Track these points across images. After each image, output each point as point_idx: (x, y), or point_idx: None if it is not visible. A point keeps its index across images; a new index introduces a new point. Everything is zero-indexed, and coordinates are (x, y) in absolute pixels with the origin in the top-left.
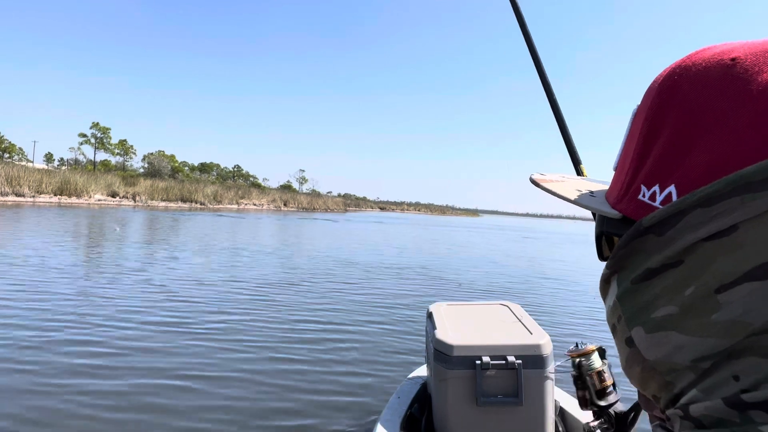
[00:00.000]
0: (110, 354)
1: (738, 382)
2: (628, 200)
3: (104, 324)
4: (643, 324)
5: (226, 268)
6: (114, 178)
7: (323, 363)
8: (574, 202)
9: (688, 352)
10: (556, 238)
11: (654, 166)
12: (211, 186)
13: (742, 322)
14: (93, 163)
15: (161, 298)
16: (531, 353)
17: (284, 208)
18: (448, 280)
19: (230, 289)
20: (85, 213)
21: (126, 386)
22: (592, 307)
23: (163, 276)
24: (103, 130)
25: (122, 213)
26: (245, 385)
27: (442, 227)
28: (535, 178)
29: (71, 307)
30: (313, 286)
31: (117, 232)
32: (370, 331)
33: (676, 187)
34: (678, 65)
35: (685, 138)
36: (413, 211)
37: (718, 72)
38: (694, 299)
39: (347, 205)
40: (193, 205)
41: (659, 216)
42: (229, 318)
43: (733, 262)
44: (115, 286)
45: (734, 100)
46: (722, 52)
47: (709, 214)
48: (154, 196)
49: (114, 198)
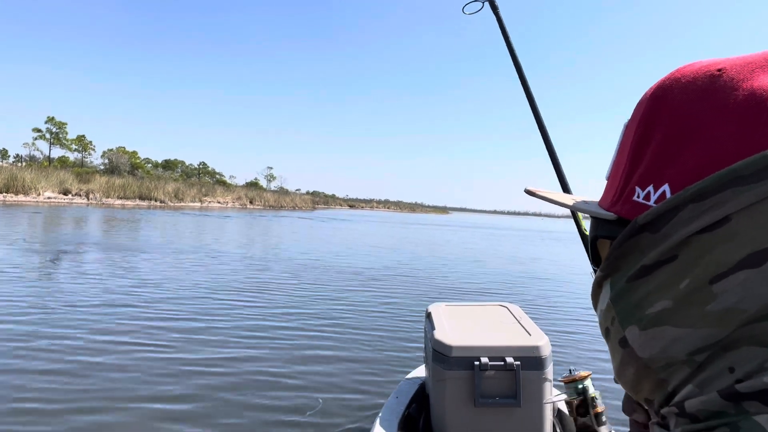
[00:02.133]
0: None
1: (733, 373)
2: (623, 202)
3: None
4: (637, 322)
5: (196, 268)
6: (67, 175)
7: (321, 363)
8: (571, 207)
9: (683, 345)
10: (532, 235)
11: (647, 169)
12: (173, 183)
13: (737, 309)
14: (49, 159)
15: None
16: (530, 354)
17: (250, 206)
18: (444, 280)
19: (210, 294)
20: (27, 212)
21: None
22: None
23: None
24: (59, 125)
25: (70, 211)
26: (243, 385)
27: (418, 226)
28: (530, 189)
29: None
30: (307, 287)
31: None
32: (368, 331)
33: (670, 185)
34: (668, 77)
35: (675, 142)
36: (383, 208)
37: (706, 81)
38: (688, 292)
39: (316, 203)
40: (153, 203)
41: (654, 213)
42: (219, 319)
43: (727, 251)
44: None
45: (721, 106)
46: (709, 64)
47: (701, 208)
48: (110, 193)
49: (66, 195)
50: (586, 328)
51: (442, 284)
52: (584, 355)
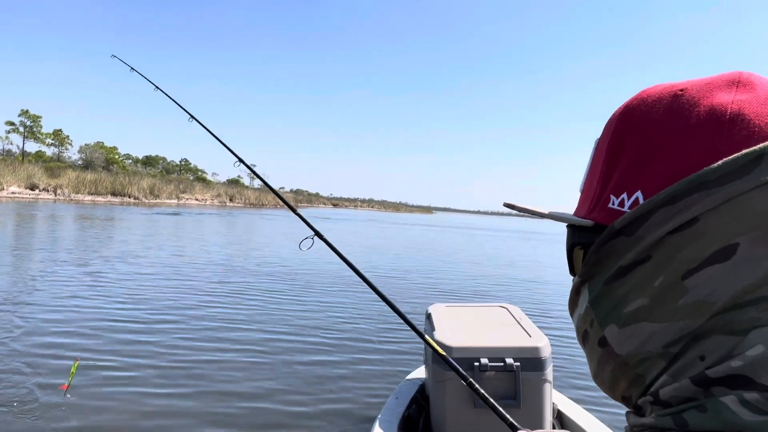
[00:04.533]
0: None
1: (703, 361)
2: (599, 210)
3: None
4: (616, 321)
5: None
6: (35, 169)
7: (321, 364)
8: (548, 215)
9: (659, 339)
10: (518, 236)
11: (620, 178)
12: (148, 179)
13: (707, 302)
14: (22, 153)
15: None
16: (529, 356)
17: (230, 204)
18: (442, 281)
19: (209, 288)
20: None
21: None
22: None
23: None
24: (33, 118)
25: (25, 208)
26: (242, 386)
27: (405, 226)
28: (509, 203)
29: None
30: (307, 288)
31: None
32: (368, 332)
33: (642, 192)
34: (634, 98)
35: (645, 153)
36: (367, 207)
37: (669, 99)
38: (663, 288)
39: (298, 201)
40: (126, 200)
41: (629, 217)
42: (220, 317)
43: (696, 249)
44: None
45: (684, 120)
46: (672, 85)
47: (672, 210)
48: (80, 189)
49: (33, 191)
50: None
51: (443, 284)
52: (584, 355)
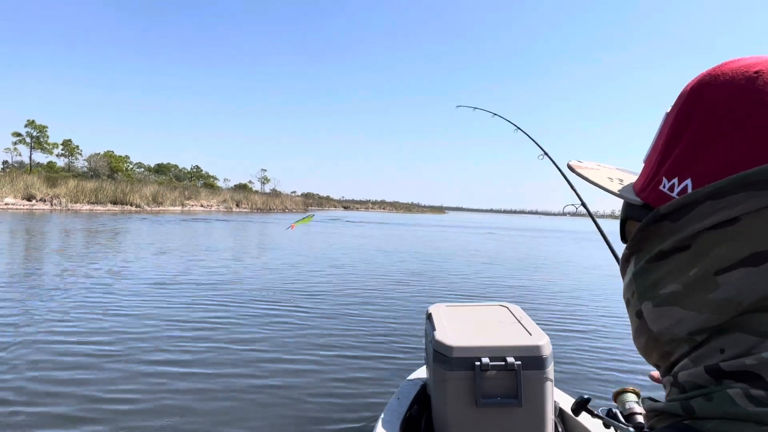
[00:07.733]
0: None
1: (722, 353)
2: (650, 190)
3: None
4: (651, 299)
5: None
6: (34, 179)
7: (322, 364)
8: (603, 188)
9: (686, 325)
10: (533, 234)
11: (675, 162)
12: (152, 186)
13: (734, 301)
14: (30, 163)
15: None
16: (530, 354)
17: (236, 209)
18: (447, 281)
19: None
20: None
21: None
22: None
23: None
24: (40, 128)
25: (15, 220)
26: (242, 387)
27: (427, 228)
28: (572, 164)
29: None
30: (308, 289)
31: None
32: (369, 333)
33: (692, 180)
34: (707, 74)
35: (705, 139)
36: (378, 209)
37: (742, 82)
38: (696, 279)
39: (308, 204)
40: (126, 208)
41: (674, 205)
42: (218, 318)
43: (732, 249)
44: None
45: (754, 109)
46: (748, 65)
47: (716, 206)
48: (79, 198)
49: (29, 201)
50: (587, 328)
51: (442, 285)
52: (585, 356)
